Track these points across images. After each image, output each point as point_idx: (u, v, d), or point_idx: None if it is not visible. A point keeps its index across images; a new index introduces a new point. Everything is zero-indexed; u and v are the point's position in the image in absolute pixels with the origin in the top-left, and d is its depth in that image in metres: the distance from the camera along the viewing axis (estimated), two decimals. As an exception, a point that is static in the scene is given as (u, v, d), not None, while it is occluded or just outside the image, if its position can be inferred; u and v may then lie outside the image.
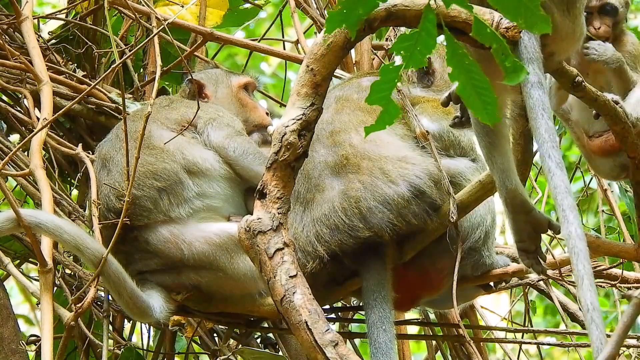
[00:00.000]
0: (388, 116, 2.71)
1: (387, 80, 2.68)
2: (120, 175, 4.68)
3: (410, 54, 2.63)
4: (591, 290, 2.73)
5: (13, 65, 5.33)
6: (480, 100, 2.65)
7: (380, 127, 2.71)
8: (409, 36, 2.63)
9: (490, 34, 2.64)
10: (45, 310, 4.29)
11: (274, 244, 3.41)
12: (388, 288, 4.45)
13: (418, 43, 2.63)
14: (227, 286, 4.71)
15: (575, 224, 2.86)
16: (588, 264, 2.79)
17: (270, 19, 9.25)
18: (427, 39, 2.62)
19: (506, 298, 8.48)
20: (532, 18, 2.61)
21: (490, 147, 3.63)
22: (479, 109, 2.66)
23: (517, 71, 2.66)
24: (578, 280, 2.76)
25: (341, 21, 2.67)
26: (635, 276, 4.97)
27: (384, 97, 2.69)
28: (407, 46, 2.63)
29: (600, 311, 2.70)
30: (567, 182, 2.96)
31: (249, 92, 5.27)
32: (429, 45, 2.63)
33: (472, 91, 2.64)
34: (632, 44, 4.57)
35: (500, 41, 2.64)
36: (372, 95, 2.69)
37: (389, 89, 2.68)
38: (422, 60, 2.63)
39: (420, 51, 2.63)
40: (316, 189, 4.54)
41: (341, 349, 3.26)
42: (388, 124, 2.72)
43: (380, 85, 2.68)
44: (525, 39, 3.22)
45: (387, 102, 2.69)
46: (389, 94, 2.69)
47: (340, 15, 2.66)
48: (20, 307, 8.46)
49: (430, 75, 4.96)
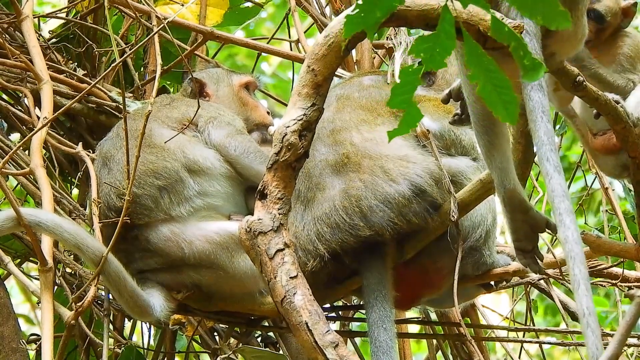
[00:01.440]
0: (411, 119, 2.70)
1: (407, 82, 2.66)
2: (120, 173, 4.68)
3: (429, 55, 2.62)
4: (587, 295, 2.73)
5: (13, 64, 5.33)
6: (501, 100, 2.64)
7: (404, 130, 2.70)
8: (427, 38, 2.62)
9: (508, 32, 2.63)
10: (45, 309, 4.29)
11: (275, 244, 3.41)
12: (389, 287, 4.45)
13: (437, 45, 2.62)
14: (228, 285, 4.71)
15: (572, 227, 2.86)
16: (584, 268, 2.78)
17: (270, 18, 9.25)
18: (446, 41, 2.62)
19: (507, 297, 8.48)
20: (550, 13, 2.60)
21: (489, 145, 3.62)
22: (499, 109, 2.65)
23: (536, 69, 2.65)
24: (574, 284, 2.76)
25: (359, 24, 2.66)
26: (636, 275, 4.97)
27: (405, 100, 2.68)
28: (426, 48, 2.62)
29: (597, 315, 2.70)
30: (565, 186, 2.95)
31: (250, 92, 5.28)
32: (448, 47, 2.62)
33: (492, 91, 2.63)
34: (630, 45, 4.56)
35: (518, 39, 2.63)
36: (394, 99, 2.68)
37: (411, 91, 2.67)
38: (441, 62, 2.62)
39: (440, 53, 2.62)
40: (317, 188, 4.54)
41: (341, 350, 3.26)
42: (411, 127, 2.70)
43: (401, 88, 2.67)
44: (527, 40, 3.22)
45: (409, 105, 2.68)
46: (411, 96, 2.67)
47: (358, 18, 2.65)
48: (21, 306, 8.46)
49: (431, 75, 4.97)
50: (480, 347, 5.28)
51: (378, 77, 4.94)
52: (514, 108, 2.63)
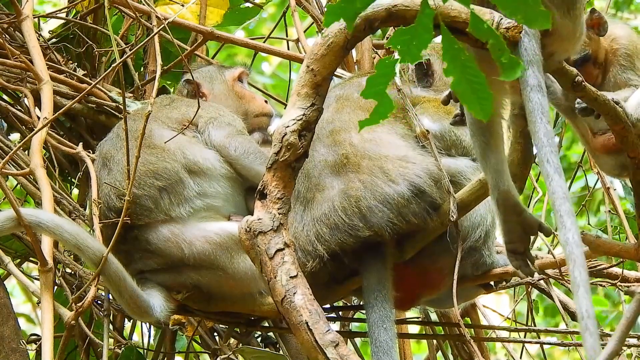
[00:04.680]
0: (382, 110, 2.71)
1: (382, 74, 2.67)
2: (120, 174, 4.68)
3: (406, 48, 2.62)
4: (587, 298, 2.72)
5: (13, 64, 5.33)
6: (475, 96, 2.65)
7: (374, 121, 2.71)
8: (405, 31, 2.63)
9: (486, 30, 2.64)
10: (45, 310, 4.30)
11: (275, 244, 3.41)
12: (388, 287, 4.45)
13: (414, 37, 2.62)
14: (228, 285, 4.71)
15: (572, 230, 2.85)
16: (584, 271, 2.78)
17: (270, 18, 9.26)
18: (423, 34, 2.62)
19: (507, 297, 8.49)
20: (531, 13, 2.60)
21: (484, 146, 3.62)
22: (473, 105, 2.65)
23: (513, 67, 2.65)
24: (574, 287, 2.76)
25: (339, 14, 2.67)
26: (636, 275, 4.97)
27: (379, 91, 2.69)
28: (403, 40, 2.62)
29: (596, 318, 2.70)
30: (565, 188, 2.94)
31: (244, 82, 5.30)
32: (425, 40, 2.63)
33: (467, 86, 2.64)
34: (625, 43, 4.54)
35: (496, 37, 2.63)
36: (368, 90, 2.69)
37: (384, 83, 2.68)
38: (417, 55, 2.62)
39: (417, 45, 2.62)
40: (316, 188, 4.54)
41: (342, 349, 3.26)
42: (382, 117, 2.71)
43: (375, 80, 2.68)
44: (526, 40, 3.21)
45: (382, 96, 2.69)
46: (384, 88, 2.68)
47: (338, 9, 2.66)
48: (23, 306, 8.46)
49: (429, 77, 4.96)
50: (481, 348, 5.28)
51: (378, 78, 4.93)
52: (488, 104, 2.63)
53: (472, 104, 2.65)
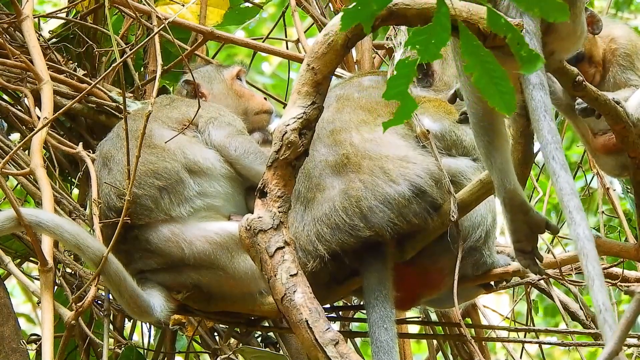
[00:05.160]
0: (406, 110, 2.71)
1: (403, 74, 2.68)
2: (121, 174, 4.68)
3: (425, 47, 2.63)
4: (602, 291, 2.71)
5: (13, 64, 5.33)
6: (497, 90, 2.65)
7: (399, 121, 2.72)
8: (423, 30, 2.63)
9: (504, 24, 2.64)
10: (45, 310, 4.29)
11: (275, 242, 3.41)
12: (389, 287, 4.45)
13: (432, 36, 2.63)
14: (228, 285, 4.71)
15: (582, 225, 2.84)
16: (598, 264, 2.77)
17: (270, 18, 9.26)
18: (441, 32, 2.62)
19: (507, 297, 8.48)
20: (547, 6, 2.60)
21: (488, 146, 3.62)
22: (496, 99, 2.65)
23: (532, 61, 2.65)
24: (589, 281, 2.73)
25: (356, 17, 2.67)
26: (636, 275, 4.97)
27: (401, 92, 2.69)
28: (421, 40, 2.63)
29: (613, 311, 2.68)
30: (573, 184, 2.94)
31: (242, 81, 5.31)
32: (443, 39, 2.63)
33: (488, 81, 2.64)
34: (623, 43, 4.54)
35: (515, 30, 2.63)
36: (390, 90, 2.69)
37: (406, 83, 2.68)
38: (436, 54, 2.63)
39: (435, 44, 2.63)
40: (317, 188, 4.54)
41: (342, 347, 3.26)
42: (406, 118, 2.72)
43: (396, 80, 2.68)
44: (527, 39, 3.21)
45: (405, 96, 2.69)
46: (406, 88, 2.68)
47: (354, 12, 2.66)
48: (23, 306, 8.46)
49: (429, 77, 4.96)
50: (481, 348, 5.28)
51: (378, 78, 4.93)
52: (510, 98, 2.63)
53: (494, 98, 2.65)
